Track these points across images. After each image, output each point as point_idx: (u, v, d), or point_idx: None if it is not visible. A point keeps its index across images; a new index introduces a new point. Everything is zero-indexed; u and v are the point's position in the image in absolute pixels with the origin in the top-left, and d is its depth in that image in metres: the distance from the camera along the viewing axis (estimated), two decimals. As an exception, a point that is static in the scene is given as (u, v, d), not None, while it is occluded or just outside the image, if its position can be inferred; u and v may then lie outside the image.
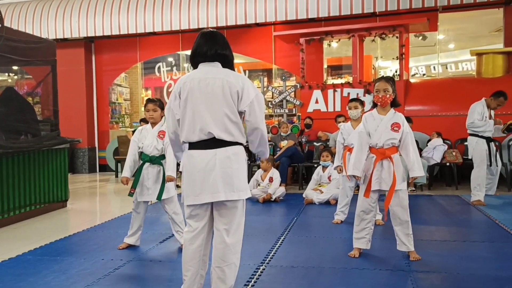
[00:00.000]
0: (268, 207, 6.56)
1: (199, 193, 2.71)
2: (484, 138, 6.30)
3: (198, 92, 2.70)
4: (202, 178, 2.69)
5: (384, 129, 3.83)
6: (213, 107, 2.67)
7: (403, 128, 3.82)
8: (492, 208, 5.99)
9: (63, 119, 7.36)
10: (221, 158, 2.68)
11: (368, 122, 3.92)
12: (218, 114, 2.67)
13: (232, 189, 2.69)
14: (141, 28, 10.52)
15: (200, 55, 2.77)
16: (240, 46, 10.46)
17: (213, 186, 2.68)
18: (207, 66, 2.76)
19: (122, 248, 4.41)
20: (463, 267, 3.68)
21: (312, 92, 9.13)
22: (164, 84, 11.60)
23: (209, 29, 2.87)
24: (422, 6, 9.00)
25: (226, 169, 2.68)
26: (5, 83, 11.83)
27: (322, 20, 9.86)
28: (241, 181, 2.74)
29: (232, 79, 2.69)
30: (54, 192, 6.62)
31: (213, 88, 2.67)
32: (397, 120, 3.84)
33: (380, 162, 3.84)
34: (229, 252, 2.73)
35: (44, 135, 6.42)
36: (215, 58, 2.76)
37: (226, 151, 2.69)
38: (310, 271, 3.66)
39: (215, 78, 2.69)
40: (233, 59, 2.87)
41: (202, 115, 2.68)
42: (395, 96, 3.85)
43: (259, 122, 2.75)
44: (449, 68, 12.38)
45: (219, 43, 2.77)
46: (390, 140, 3.83)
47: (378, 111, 3.91)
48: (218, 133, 2.67)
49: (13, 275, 3.69)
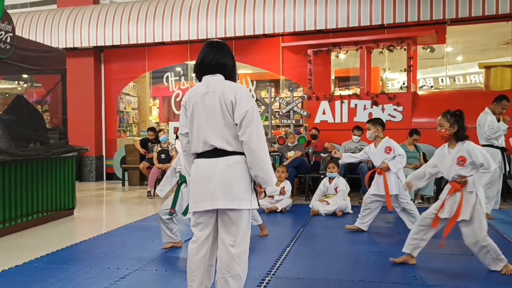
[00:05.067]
0: (274, 218, 6.54)
1: (199, 200, 2.73)
2: (499, 149, 6.23)
3: (201, 106, 2.74)
4: (203, 185, 2.71)
5: (451, 163, 3.85)
6: (214, 121, 2.70)
7: (469, 161, 3.76)
8: (500, 222, 5.94)
9: (72, 127, 7.42)
10: (222, 167, 2.69)
11: (437, 154, 4.03)
12: (218, 127, 2.69)
13: (232, 198, 2.68)
14: (150, 38, 10.61)
15: (204, 64, 2.80)
16: (248, 57, 10.51)
17: (213, 193, 2.68)
18: (209, 78, 2.79)
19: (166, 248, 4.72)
20: (471, 281, 3.64)
21: (319, 103, 9.15)
22: (172, 94, 11.66)
23: (215, 39, 2.91)
24: (431, 19, 9.00)
25: (226, 177, 2.68)
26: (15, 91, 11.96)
27: (330, 32, 9.89)
28: (241, 190, 2.70)
29: (226, 91, 2.70)
30: (61, 200, 6.64)
31: (213, 102, 2.70)
32: (463, 153, 3.80)
33: (452, 193, 3.87)
34: (233, 263, 2.71)
35: (53, 143, 6.46)
36: (217, 67, 2.79)
37: (227, 160, 2.70)
38: (316, 283, 3.64)
39: (214, 92, 2.71)
40: (233, 67, 2.87)
41: (205, 129, 2.71)
42: (457, 129, 3.81)
43: (254, 143, 2.64)
44: (457, 80, 12.34)
45: (220, 52, 2.80)
46: (456, 174, 3.84)
47: (448, 144, 3.93)
48: (219, 144, 2.69)
49: (20, 283, 3.71)
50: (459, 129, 3.81)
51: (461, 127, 3.82)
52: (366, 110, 8.81)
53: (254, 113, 2.67)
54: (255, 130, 2.65)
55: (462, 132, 3.83)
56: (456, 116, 3.83)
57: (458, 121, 3.81)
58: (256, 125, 2.65)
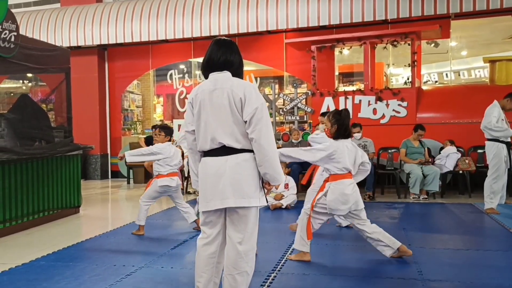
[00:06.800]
0: (279, 214, 6.54)
1: (210, 199, 2.72)
2: (504, 143, 6.18)
3: (208, 104, 2.72)
4: (212, 184, 2.71)
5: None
6: (222, 118, 2.68)
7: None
8: (506, 217, 5.91)
9: (76, 126, 7.44)
10: (231, 165, 2.68)
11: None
12: (227, 125, 2.68)
13: (242, 196, 2.68)
14: (154, 35, 10.61)
15: (212, 61, 2.78)
16: (252, 54, 10.50)
17: (223, 192, 2.68)
18: (217, 75, 2.77)
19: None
20: (477, 276, 3.64)
21: (323, 99, 9.12)
22: (176, 91, 11.66)
23: (223, 37, 2.90)
24: (434, 13, 8.96)
25: (236, 175, 2.67)
26: (20, 90, 12.00)
27: (333, 28, 9.86)
28: (251, 188, 2.70)
29: (235, 88, 2.68)
30: (67, 198, 6.67)
31: (221, 99, 2.68)
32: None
33: None
34: (241, 260, 2.72)
35: (58, 141, 6.49)
36: (224, 64, 2.77)
37: (236, 157, 2.69)
38: (322, 279, 3.64)
39: (222, 89, 2.69)
40: (240, 65, 2.85)
41: (212, 126, 2.70)
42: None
43: (263, 140, 2.63)
44: (461, 75, 12.28)
45: (229, 49, 2.79)
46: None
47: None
48: (228, 141, 2.68)
49: (26, 281, 3.73)
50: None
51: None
52: (371, 106, 8.78)
53: (263, 110, 2.66)
54: (265, 127, 2.64)
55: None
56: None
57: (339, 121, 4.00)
58: (265, 123, 2.65)
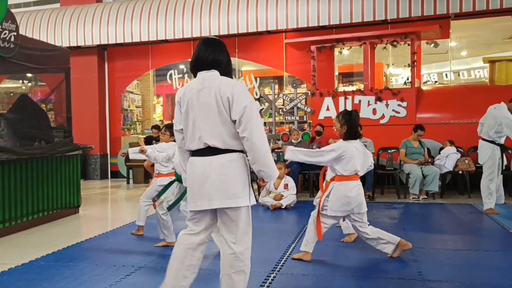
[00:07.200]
0: (278, 215, 6.54)
1: (197, 199, 2.75)
2: (499, 146, 6.21)
3: (196, 103, 2.73)
4: (199, 184, 2.72)
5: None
6: (209, 117, 2.68)
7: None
8: (505, 217, 5.91)
9: (76, 126, 7.44)
10: (216, 166, 2.68)
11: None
12: (214, 124, 2.68)
13: (228, 196, 2.68)
14: (153, 35, 10.61)
15: (200, 60, 2.79)
16: (251, 54, 10.50)
17: (209, 193, 2.69)
18: (204, 74, 2.78)
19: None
20: (476, 277, 3.64)
21: (323, 99, 9.12)
22: (175, 91, 11.64)
23: (211, 37, 2.91)
24: (434, 14, 8.96)
25: (221, 176, 2.67)
26: (20, 90, 12.01)
27: (333, 28, 9.86)
28: (238, 188, 2.70)
29: (223, 87, 2.68)
30: (67, 198, 6.67)
31: (208, 98, 2.68)
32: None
33: None
34: (236, 259, 2.73)
35: (58, 141, 6.49)
36: (213, 63, 2.78)
37: (222, 158, 2.69)
38: (321, 279, 3.64)
39: (210, 88, 2.69)
40: (229, 64, 2.86)
41: (200, 126, 2.71)
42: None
43: (256, 138, 2.63)
44: (461, 75, 12.29)
45: (217, 49, 2.80)
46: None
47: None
48: (213, 142, 2.68)
49: (26, 281, 3.72)
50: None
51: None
52: (370, 106, 8.78)
53: (252, 108, 2.65)
54: (255, 125, 2.64)
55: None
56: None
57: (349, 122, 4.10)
58: (255, 121, 2.65)
